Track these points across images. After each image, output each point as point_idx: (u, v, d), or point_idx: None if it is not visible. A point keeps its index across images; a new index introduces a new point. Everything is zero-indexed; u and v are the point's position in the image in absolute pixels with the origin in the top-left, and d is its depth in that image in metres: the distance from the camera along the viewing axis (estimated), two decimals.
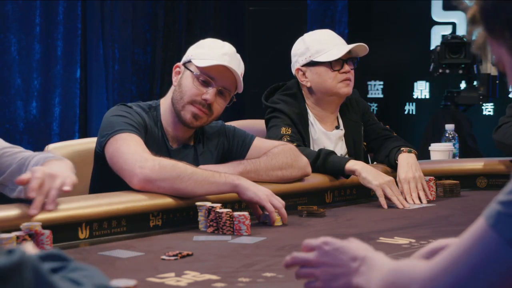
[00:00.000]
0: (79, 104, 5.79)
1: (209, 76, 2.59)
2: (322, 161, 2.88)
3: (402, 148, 3.04)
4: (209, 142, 2.75)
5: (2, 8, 5.42)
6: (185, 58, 2.68)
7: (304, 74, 3.19)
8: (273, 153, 2.67)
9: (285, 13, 6.34)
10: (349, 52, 3.14)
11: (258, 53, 6.20)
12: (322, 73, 3.15)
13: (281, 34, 6.20)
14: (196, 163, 2.64)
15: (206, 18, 6.49)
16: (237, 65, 2.63)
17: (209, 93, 2.58)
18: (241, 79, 2.64)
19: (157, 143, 2.62)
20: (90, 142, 2.93)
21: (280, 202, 2.37)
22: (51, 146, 2.86)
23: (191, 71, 2.62)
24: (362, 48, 3.15)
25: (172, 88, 2.69)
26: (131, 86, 6.15)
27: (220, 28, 6.49)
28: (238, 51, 2.68)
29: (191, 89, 2.60)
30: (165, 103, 2.69)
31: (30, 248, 1.17)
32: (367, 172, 2.82)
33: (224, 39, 2.71)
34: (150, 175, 2.29)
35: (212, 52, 2.61)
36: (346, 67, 3.14)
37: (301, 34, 3.27)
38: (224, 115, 2.72)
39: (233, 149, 2.76)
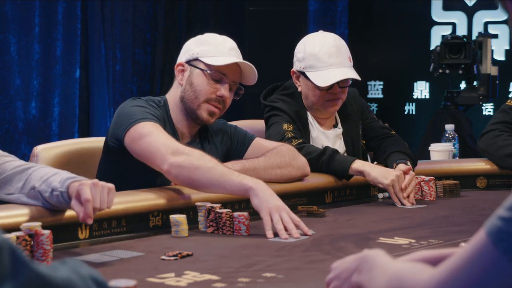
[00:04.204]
0: (79, 104, 5.79)
1: (221, 73, 2.62)
2: (328, 158, 2.86)
3: (398, 161, 2.96)
4: (214, 138, 2.76)
5: (1, 8, 5.42)
6: (188, 56, 2.67)
7: (298, 78, 3.17)
8: (271, 152, 2.67)
9: (285, 13, 6.34)
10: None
11: (258, 53, 6.20)
12: (310, 87, 3.10)
13: (281, 34, 6.20)
14: None
15: (206, 18, 6.50)
16: (242, 57, 2.67)
17: (224, 89, 2.61)
18: (255, 70, 2.65)
19: None
20: (86, 142, 2.96)
21: (283, 221, 2.17)
22: (39, 147, 2.88)
23: (201, 69, 2.63)
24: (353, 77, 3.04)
25: (176, 87, 2.68)
26: (131, 86, 6.16)
27: (220, 28, 6.47)
28: None
29: (205, 88, 2.62)
30: (171, 101, 2.69)
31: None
32: (376, 172, 2.82)
33: None
34: (180, 162, 2.31)
35: (217, 48, 2.63)
36: (336, 88, 3.05)
37: (301, 35, 3.24)
38: (224, 115, 2.73)
39: (233, 147, 2.77)
